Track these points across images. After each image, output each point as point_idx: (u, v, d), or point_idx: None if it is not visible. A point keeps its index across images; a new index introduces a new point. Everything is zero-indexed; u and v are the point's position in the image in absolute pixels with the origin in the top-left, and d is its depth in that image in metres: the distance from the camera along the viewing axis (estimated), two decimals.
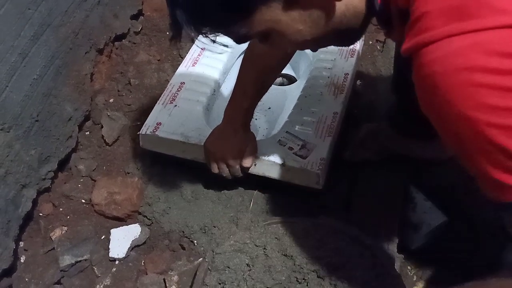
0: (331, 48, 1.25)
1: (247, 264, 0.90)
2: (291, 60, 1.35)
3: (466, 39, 0.44)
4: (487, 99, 0.44)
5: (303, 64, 1.34)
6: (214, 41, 0.58)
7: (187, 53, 1.31)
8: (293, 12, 0.55)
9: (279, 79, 1.37)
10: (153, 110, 1.14)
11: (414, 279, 0.97)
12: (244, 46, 0.99)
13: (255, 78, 0.95)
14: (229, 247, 0.92)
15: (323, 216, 0.97)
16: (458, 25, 0.44)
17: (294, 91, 1.26)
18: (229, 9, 0.54)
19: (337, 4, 0.56)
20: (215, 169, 1.02)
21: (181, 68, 1.24)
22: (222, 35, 0.59)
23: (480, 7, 0.44)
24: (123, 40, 1.46)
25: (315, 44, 0.64)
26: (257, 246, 0.92)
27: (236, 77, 1.00)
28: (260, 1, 0.53)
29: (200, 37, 0.58)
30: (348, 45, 0.69)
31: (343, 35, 0.61)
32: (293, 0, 0.54)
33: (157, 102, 1.15)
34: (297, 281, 0.87)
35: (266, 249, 0.91)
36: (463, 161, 0.51)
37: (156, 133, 1.08)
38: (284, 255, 0.90)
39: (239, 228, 1.00)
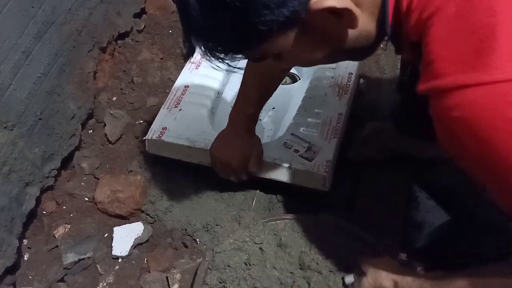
0: None
1: (245, 263, 0.90)
2: None
3: (480, 91, 0.46)
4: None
5: None
6: (229, 65, 0.58)
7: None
8: (307, 38, 0.55)
9: None
10: (158, 115, 1.14)
11: None
12: None
13: (259, 85, 0.95)
14: (228, 245, 0.92)
15: (323, 213, 0.97)
16: (470, 76, 0.46)
17: (297, 90, 1.25)
18: (243, 40, 0.54)
19: (351, 30, 0.56)
20: (221, 174, 1.03)
21: (185, 71, 1.24)
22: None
23: (492, 58, 0.45)
24: (126, 38, 1.46)
25: (326, 62, 0.65)
26: (256, 244, 0.92)
27: (239, 80, 0.99)
28: (277, 31, 0.53)
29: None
30: (360, 60, 0.69)
31: (355, 54, 0.62)
32: (307, 29, 0.54)
33: (162, 107, 1.16)
34: (297, 278, 0.87)
35: (265, 247, 0.91)
36: (494, 194, 0.54)
37: (162, 138, 1.08)
38: (284, 252, 0.90)
39: (241, 227, 1.00)
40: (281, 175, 1.02)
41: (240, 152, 0.99)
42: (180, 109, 1.14)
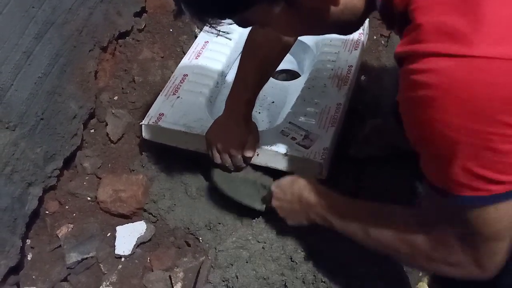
0: (335, 41, 1.25)
1: (247, 262, 0.90)
2: (295, 56, 1.35)
3: (452, 62, 0.46)
4: (452, 118, 0.48)
5: (307, 60, 1.33)
6: (215, 28, 0.60)
7: (190, 46, 1.31)
8: (291, 11, 0.57)
9: (283, 75, 1.36)
10: (155, 101, 1.14)
11: (420, 274, 0.97)
12: None
13: (256, 69, 0.96)
14: (231, 244, 0.92)
15: None
16: (448, 46, 0.47)
17: (298, 86, 1.25)
18: (230, 8, 0.56)
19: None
20: (217, 159, 1.01)
21: (184, 61, 1.24)
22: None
23: (472, 32, 0.46)
24: (126, 37, 1.46)
25: (313, 34, 0.67)
26: (259, 242, 0.92)
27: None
28: (261, 1, 0.55)
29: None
30: (347, 35, 0.70)
31: (341, 28, 0.64)
32: (292, 2, 0.56)
33: (160, 94, 1.16)
34: (300, 275, 0.87)
35: (267, 245, 0.91)
36: (424, 159, 0.57)
37: (159, 123, 1.08)
38: (285, 250, 0.90)
39: (244, 225, 1.00)
40: (278, 162, 1.02)
41: (236, 137, 0.98)
42: (178, 97, 1.14)
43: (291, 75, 1.36)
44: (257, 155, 1.02)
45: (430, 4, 0.50)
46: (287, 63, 1.35)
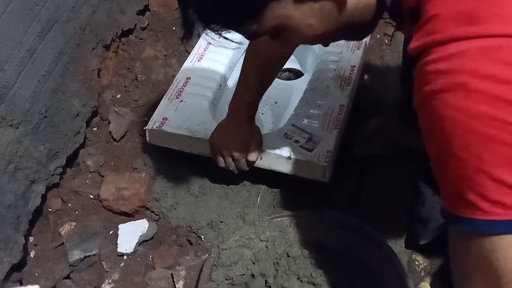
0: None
1: (250, 259, 0.90)
2: (297, 55, 1.35)
3: (472, 43, 0.44)
4: (477, 105, 0.43)
5: (309, 58, 1.33)
6: (226, 38, 0.58)
7: (193, 48, 1.31)
8: (304, 6, 0.55)
9: (285, 74, 1.36)
10: (159, 105, 1.14)
11: (422, 274, 0.97)
12: None
13: (258, 71, 0.95)
14: (234, 242, 0.92)
15: (328, 209, 0.97)
16: (466, 29, 0.45)
17: (301, 86, 1.25)
18: (240, 8, 0.54)
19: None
20: (221, 163, 1.02)
21: (187, 63, 1.24)
22: (233, 32, 0.58)
23: (489, 14, 0.44)
24: (129, 35, 1.46)
25: (327, 38, 0.63)
26: (262, 241, 0.92)
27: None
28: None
29: (211, 33, 0.58)
30: (360, 39, 0.69)
31: (355, 29, 0.61)
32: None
33: (163, 97, 1.16)
34: (302, 273, 0.87)
35: (271, 243, 0.91)
36: (436, 162, 0.50)
37: (163, 128, 1.08)
38: (288, 248, 0.90)
39: (246, 223, 1.00)
40: (281, 165, 1.02)
41: (240, 140, 0.99)
42: (181, 100, 1.14)
43: (294, 74, 1.36)
44: (261, 158, 1.02)
45: None
46: (290, 62, 1.34)
